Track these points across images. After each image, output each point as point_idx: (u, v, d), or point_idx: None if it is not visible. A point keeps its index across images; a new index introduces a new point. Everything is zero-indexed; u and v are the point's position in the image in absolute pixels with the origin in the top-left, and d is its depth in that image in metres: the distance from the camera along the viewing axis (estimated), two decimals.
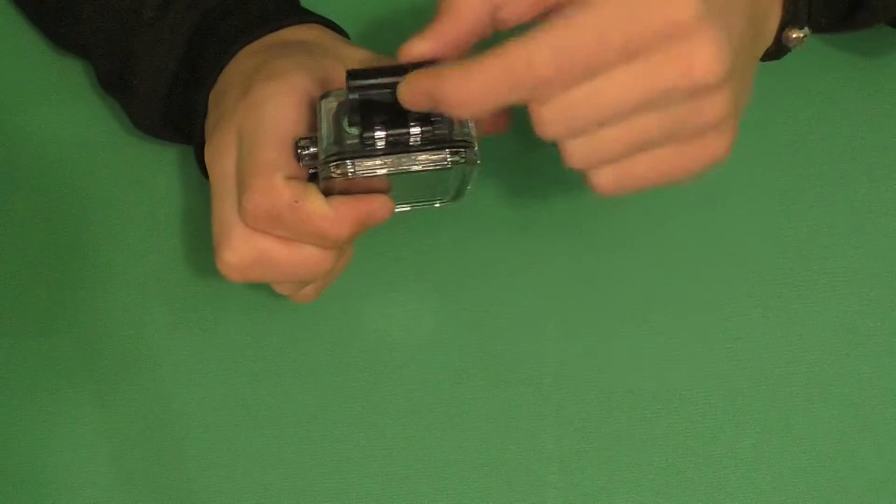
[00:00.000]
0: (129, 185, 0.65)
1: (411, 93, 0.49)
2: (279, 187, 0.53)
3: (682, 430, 0.61)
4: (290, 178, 0.53)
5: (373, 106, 0.51)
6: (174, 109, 0.62)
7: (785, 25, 0.54)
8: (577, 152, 0.49)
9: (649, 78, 0.47)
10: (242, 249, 0.55)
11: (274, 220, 0.53)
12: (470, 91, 0.47)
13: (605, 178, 0.50)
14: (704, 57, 0.46)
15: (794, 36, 0.55)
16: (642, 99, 0.47)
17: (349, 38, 0.62)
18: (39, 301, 0.63)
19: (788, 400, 0.62)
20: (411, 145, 0.51)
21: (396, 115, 0.50)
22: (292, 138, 0.54)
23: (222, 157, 0.55)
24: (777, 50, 0.56)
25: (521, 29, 0.47)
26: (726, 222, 0.64)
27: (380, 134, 0.50)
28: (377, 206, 0.54)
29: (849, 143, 0.66)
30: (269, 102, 0.54)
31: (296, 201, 0.53)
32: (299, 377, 0.62)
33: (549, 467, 0.61)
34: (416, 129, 0.50)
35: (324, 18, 0.61)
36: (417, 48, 0.50)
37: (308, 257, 0.55)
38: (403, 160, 0.51)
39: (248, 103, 0.55)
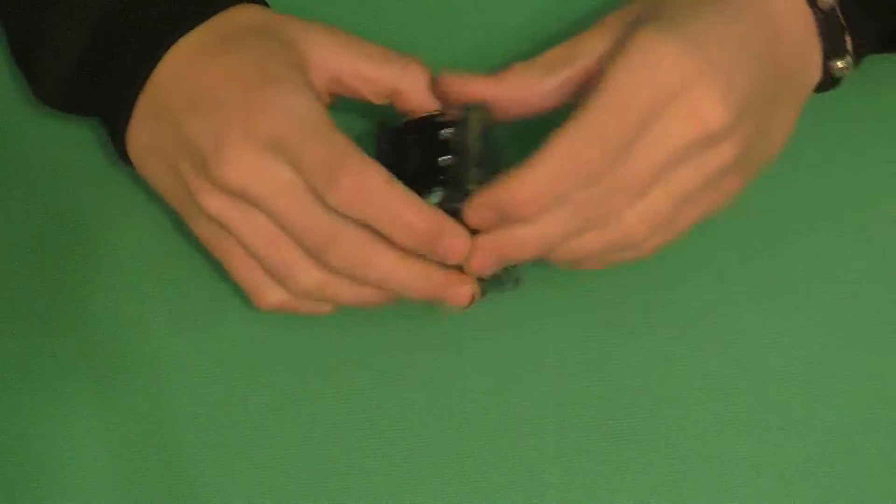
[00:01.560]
0: (129, 184, 0.65)
1: (480, 215, 0.53)
2: (373, 166, 0.52)
3: (682, 430, 0.61)
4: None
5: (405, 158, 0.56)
6: (81, 88, 0.60)
7: (828, 57, 0.57)
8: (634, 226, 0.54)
9: (669, 137, 0.51)
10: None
11: (365, 199, 0.52)
12: (534, 189, 0.51)
13: (656, 238, 0.55)
14: (711, 105, 0.51)
15: (839, 66, 0.57)
16: (670, 159, 0.52)
17: (267, 4, 0.61)
18: (39, 301, 0.63)
19: (788, 400, 0.62)
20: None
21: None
22: (335, 126, 0.53)
23: (248, 174, 0.53)
24: (828, 81, 0.58)
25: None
26: (726, 222, 0.64)
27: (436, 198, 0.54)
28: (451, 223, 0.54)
29: (849, 143, 0.66)
30: (294, 100, 0.53)
31: (388, 178, 0.52)
32: (299, 377, 0.62)
33: (549, 467, 0.61)
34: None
35: None
36: (464, 81, 0.56)
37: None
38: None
39: (269, 111, 0.53)
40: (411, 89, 0.57)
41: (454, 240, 0.53)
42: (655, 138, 0.52)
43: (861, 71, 0.66)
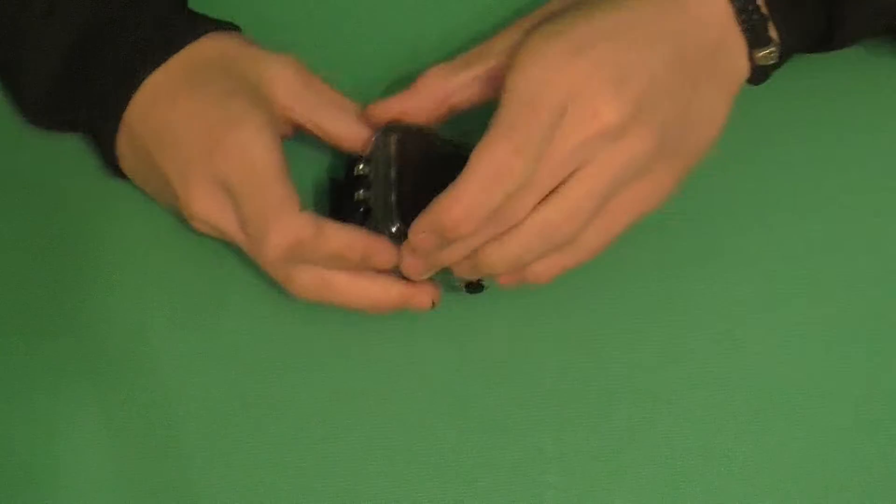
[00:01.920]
0: (129, 185, 0.65)
1: (423, 240, 0.56)
2: (302, 219, 0.56)
3: (682, 430, 0.61)
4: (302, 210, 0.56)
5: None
6: (62, 112, 0.62)
7: (751, 46, 0.57)
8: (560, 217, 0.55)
9: (571, 137, 0.53)
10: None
11: (296, 250, 0.56)
12: (464, 206, 0.53)
13: (592, 236, 0.56)
14: (604, 101, 0.53)
15: (761, 55, 0.58)
16: (576, 156, 0.54)
17: (240, 31, 0.62)
18: (39, 301, 0.63)
19: (788, 400, 0.62)
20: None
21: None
22: (286, 173, 0.56)
23: (213, 212, 0.57)
24: (758, 72, 0.58)
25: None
26: (726, 223, 0.64)
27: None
28: (384, 244, 0.58)
29: (849, 143, 0.66)
30: (250, 146, 0.56)
31: (318, 229, 0.56)
32: (299, 377, 0.62)
33: (549, 467, 0.61)
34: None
35: (213, 21, 0.61)
36: (386, 106, 0.59)
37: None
38: None
39: (225, 152, 0.56)
40: (356, 143, 0.61)
41: (382, 257, 0.58)
42: (560, 138, 0.53)
43: (862, 68, 0.66)
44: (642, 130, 0.54)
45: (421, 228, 0.56)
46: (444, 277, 0.60)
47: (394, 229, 0.58)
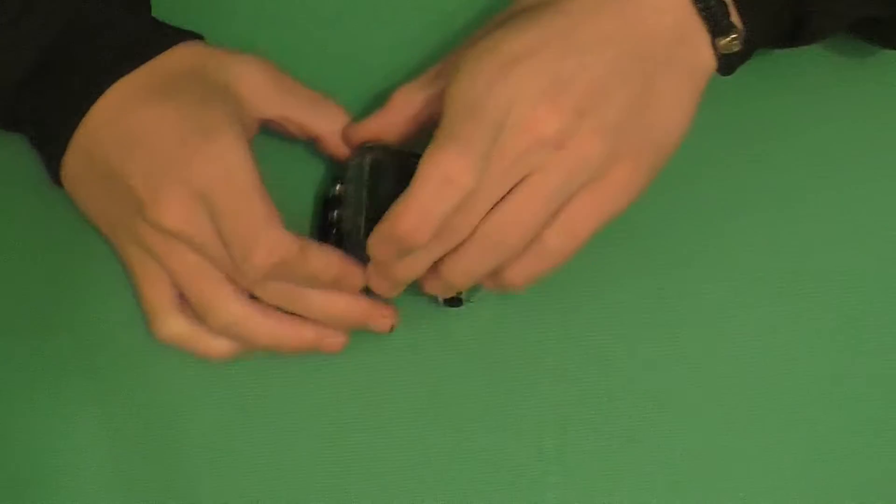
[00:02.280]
0: None
1: (381, 250, 0.56)
2: (288, 238, 0.56)
3: (682, 430, 0.61)
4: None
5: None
6: (19, 110, 0.61)
7: (714, 35, 0.57)
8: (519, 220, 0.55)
9: (513, 146, 0.54)
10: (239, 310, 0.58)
11: (281, 268, 0.56)
12: (415, 214, 0.54)
13: (557, 240, 0.56)
14: (540, 112, 0.54)
15: (723, 43, 0.57)
16: (520, 164, 0.54)
17: (204, 39, 0.62)
18: (39, 301, 0.63)
19: (788, 400, 0.62)
20: None
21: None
22: (263, 186, 0.56)
23: (187, 221, 0.56)
24: (724, 62, 0.57)
25: None
26: (726, 223, 0.64)
27: None
28: (353, 269, 0.59)
29: (849, 143, 0.66)
30: (228, 156, 0.56)
31: (302, 248, 0.56)
32: (299, 377, 0.62)
33: (549, 467, 0.61)
34: None
35: (180, 31, 0.61)
36: (360, 128, 0.60)
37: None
38: None
39: (202, 163, 0.56)
40: (329, 137, 0.62)
41: (352, 280, 0.59)
42: (502, 147, 0.54)
43: (862, 68, 0.66)
44: (587, 135, 0.54)
45: (377, 240, 0.56)
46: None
47: (364, 252, 0.59)
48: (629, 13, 0.56)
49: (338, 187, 0.61)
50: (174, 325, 0.59)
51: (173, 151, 0.56)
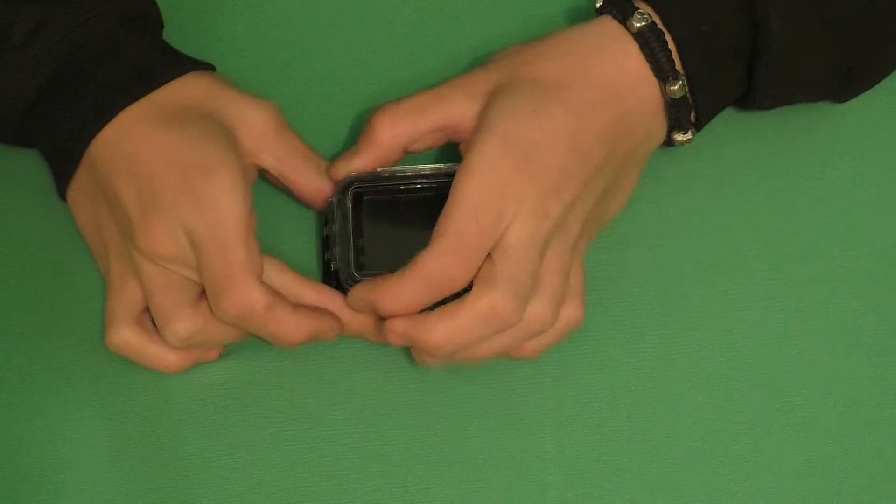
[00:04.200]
0: None
1: (358, 305, 0.59)
2: (256, 293, 0.56)
3: (682, 430, 0.61)
4: (259, 279, 0.57)
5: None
6: (28, 131, 0.62)
7: (672, 129, 0.60)
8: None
9: (509, 244, 0.56)
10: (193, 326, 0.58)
11: (244, 319, 0.57)
12: (397, 302, 0.56)
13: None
14: (539, 215, 0.56)
15: (680, 139, 0.60)
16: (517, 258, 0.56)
17: (215, 69, 0.63)
18: (39, 301, 0.63)
19: (788, 400, 0.62)
20: None
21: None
22: (251, 232, 0.57)
23: (171, 253, 0.57)
24: (668, 144, 0.62)
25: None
26: (726, 223, 0.64)
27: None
28: (329, 326, 0.60)
29: (849, 143, 0.66)
30: (223, 199, 0.56)
31: (269, 306, 0.57)
32: (299, 378, 0.62)
33: (549, 467, 0.61)
34: None
35: (192, 60, 0.61)
36: (346, 166, 0.60)
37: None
38: None
39: (196, 201, 0.56)
40: (316, 200, 0.62)
41: (326, 336, 0.60)
42: (502, 248, 0.56)
43: None
44: (571, 227, 0.57)
45: (357, 297, 0.58)
46: None
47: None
48: (620, 116, 0.58)
49: (327, 227, 0.62)
50: (124, 333, 0.60)
51: (171, 183, 0.57)
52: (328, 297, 0.60)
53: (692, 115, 0.60)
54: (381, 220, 0.61)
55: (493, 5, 0.69)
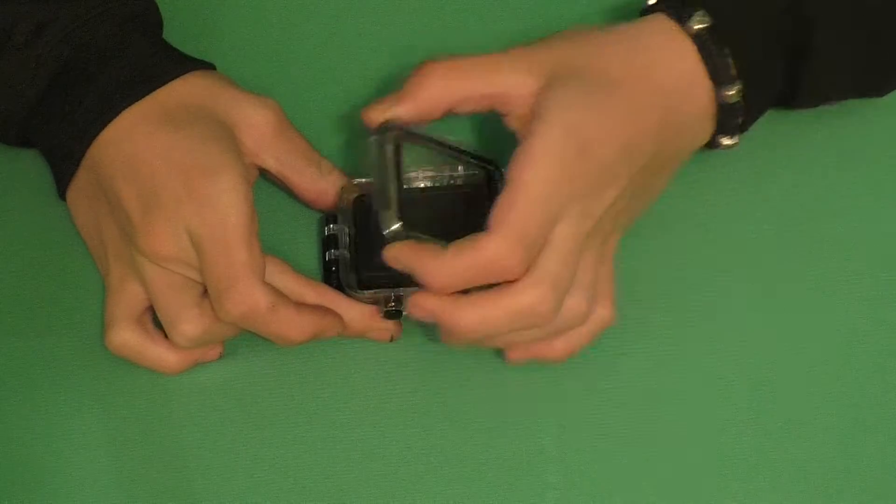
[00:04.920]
0: None
1: (396, 262, 0.56)
2: (259, 293, 0.56)
3: (682, 430, 0.61)
4: (262, 280, 0.57)
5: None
6: (29, 131, 0.62)
7: (717, 133, 0.59)
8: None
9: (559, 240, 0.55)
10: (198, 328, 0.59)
11: (248, 320, 0.57)
12: (441, 278, 0.54)
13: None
14: (595, 206, 0.56)
15: (725, 143, 0.60)
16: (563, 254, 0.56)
17: (216, 68, 0.63)
18: (39, 301, 0.63)
19: (788, 400, 0.62)
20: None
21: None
22: (253, 233, 0.57)
23: (173, 254, 0.57)
24: (710, 147, 0.61)
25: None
26: (726, 223, 0.65)
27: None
28: (331, 325, 0.60)
29: (849, 143, 0.66)
30: (225, 201, 0.56)
31: (272, 306, 0.57)
32: (299, 378, 0.62)
33: (549, 467, 0.61)
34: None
35: (193, 60, 0.61)
36: (385, 111, 0.57)
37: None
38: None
39: (198, 202, 0.56)
40: (316, 201, 0.63)
41: (328, 335, 0.60)
42: (550, 245, 0.55)
43: None
44: (605, 225, 0.57)
45: (398, 256, 0.56)
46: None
47: (353, 292, 0.60)
48: (668, 116, 0.57)
49: (330, 226, 0.62)
50: (124, 334, 0.60)
51: (173, 185, 0.57)
52: (329, 297, 0.60)
53: (740, 120, 0.59)
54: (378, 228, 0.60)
55: (493, 5, 0.69)
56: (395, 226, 0.56)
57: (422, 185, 0.62)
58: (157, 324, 0.61)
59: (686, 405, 0.62)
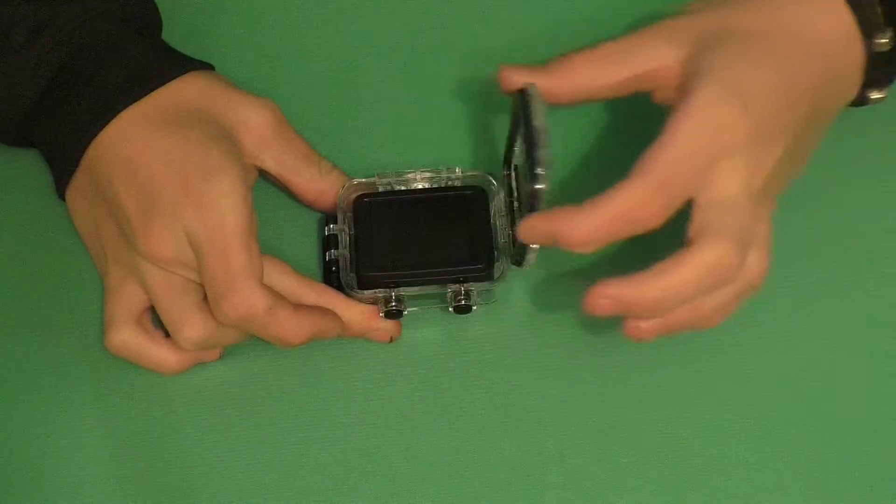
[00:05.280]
0: None
1: (532, 235, 0.56)
2: (257, 296, 0.56)
3: (682, 430, 0.61)
4: (260, 282, 0.57)
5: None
6: (29, 132, 0.62)
7: (866, 87, 0.60)
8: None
9: (707, 194, 0.55)
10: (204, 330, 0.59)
11: (246, 322, 0.57)
12: (585, 233, 0.54)
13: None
14: (744, 172, 0.55)
15: (874, 97, 0.61)
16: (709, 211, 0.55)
17: (214, 69, 0.63)
18: (39, 301, 0.63)
19: (789, 400, 0.62)
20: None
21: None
22: (252, 235, 0.57)
23: (172, 255, 0.57)
24: (857, 103, 0.61)
25: None
26: None
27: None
28: (330, 325, 0.60)
29: (849, 143, 0.66)
30: (224, 203, 0.56)
31: (270, 309, 0.57)
32: (299, 378, 0.62)
33: (549, 467, 0.61)
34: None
35: (191, 60, 0.62)
36: (528, 75, 0.58)
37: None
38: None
39: (197, 205, 0.56)
40: (315, 202, 0.63)
41: (329, 335, 0.60)
42: (720, 198, 0.55)
43: None
44: (776, 180, 0.57)
45: (533, 226, 0.56)
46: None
47: (353, 292, 0.60)
48: (823, 72, 0.57)
49: (330, 226, 0.62)
50: (124, 335, 0.60)
51: (173, 187, 0.57)
52: (329, 297, 0.61)
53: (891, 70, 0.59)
54: (381, 228, 0.62)
55: (493, 5, 0.69)
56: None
57: (419, 186, 0.62)
58: (157, 323, 0.61)
59: (686, 405, 0.62)
